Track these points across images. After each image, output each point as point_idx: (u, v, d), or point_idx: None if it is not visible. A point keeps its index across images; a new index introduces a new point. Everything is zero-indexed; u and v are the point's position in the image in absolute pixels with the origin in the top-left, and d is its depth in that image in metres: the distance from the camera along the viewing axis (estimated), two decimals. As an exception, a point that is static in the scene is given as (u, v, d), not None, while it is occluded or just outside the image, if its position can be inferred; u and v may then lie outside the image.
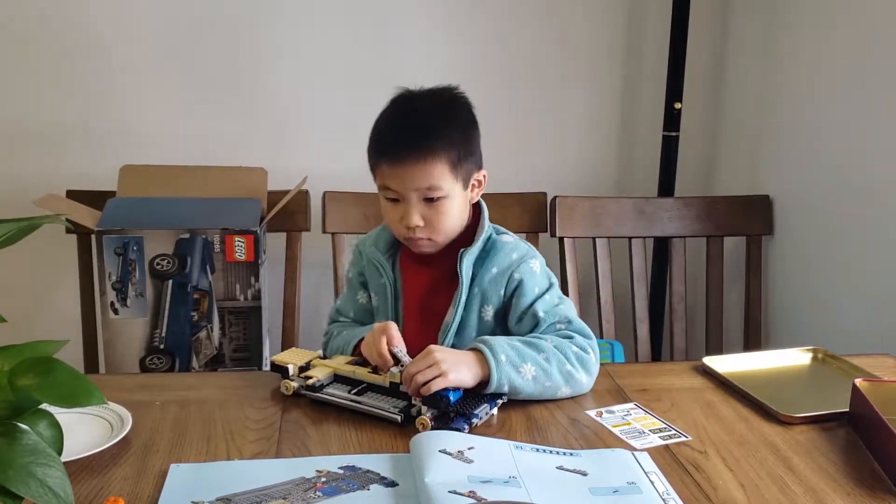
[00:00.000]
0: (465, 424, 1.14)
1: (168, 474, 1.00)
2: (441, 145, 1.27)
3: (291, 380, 1.24)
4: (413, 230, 1.30)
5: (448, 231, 1.33)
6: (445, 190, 1.28)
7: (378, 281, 1.41)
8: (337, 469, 1.01)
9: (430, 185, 1.27)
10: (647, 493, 0.98)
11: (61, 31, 1.96)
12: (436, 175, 1.27)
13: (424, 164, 1.26)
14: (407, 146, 1.27)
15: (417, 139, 1.27)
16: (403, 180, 1.28)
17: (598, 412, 1.21)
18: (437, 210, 1.29)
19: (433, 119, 1.30)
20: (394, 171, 1.28)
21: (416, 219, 1.29)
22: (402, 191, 1.29)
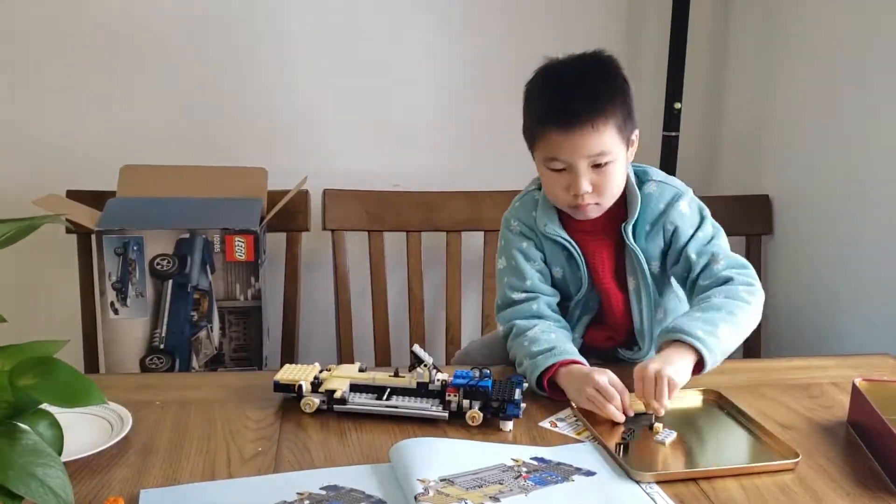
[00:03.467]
0: (517, 409, 1.15)
1: (139, 499, 0.95)
2: (611, 109, 1.25)
3: (313, 396, 1.19)
4: (582, 197, 1.28)
5: (615, 193, 1.31)
6: (614, 154, 1.27)
7: (562, 257, 1.38)
8: (319, 490, 0.97)
9: (601, 151, 1.25)
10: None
11: (61, 30, 1.96)
12: (606, 140, 1.25)
13: (596, 129, 1.24)
14: (580, 111, 1.24)
15: (590, 104, 1.24)
16: (575, 148, 1.25)
17: (550, 422, 1.19)
18: (605, 174, 1.27)
19: (600, 83, 1.28)
20: (565, 139, 1.25)
21: (585, 185, 1.26)
22: (572, 159, 1.26)
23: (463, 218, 1.99)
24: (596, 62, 1.31)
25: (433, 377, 1.18)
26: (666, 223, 1.34)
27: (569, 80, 1.29)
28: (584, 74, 1.29)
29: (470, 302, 2.09)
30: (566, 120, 1.25)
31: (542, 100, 1.30)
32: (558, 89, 1.29)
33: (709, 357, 1.20)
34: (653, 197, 1.36)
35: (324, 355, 2.02)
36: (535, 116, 1.31)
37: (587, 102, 1.25)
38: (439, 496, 0.93)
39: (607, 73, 1.30)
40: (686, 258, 1.33)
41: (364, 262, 2.00)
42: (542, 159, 1.30)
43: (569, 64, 1.31)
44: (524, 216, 1.41)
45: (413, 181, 2.08)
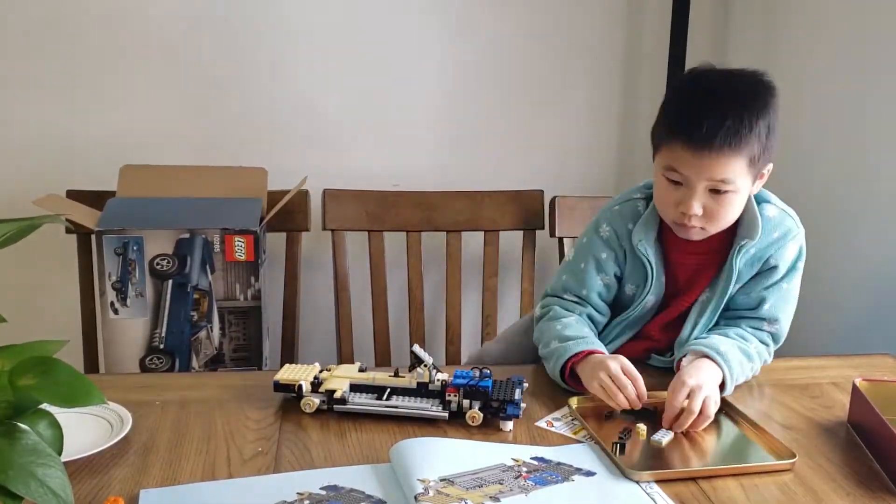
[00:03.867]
0: (517, 409, 1.15)
1: (139, 499, 0.96)
2: (748, 141, 1.19)
3: (313, 396, 1.19)
4: (690, 218, 1.23)
5: (726, 223, 1.26)
6: (737, 185, 1.21)
7: (641, 274, 1.34)
8: (319, 490, 0.97)
9: (723, 178, 1.20)
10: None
11: (61, 31, 1.96)
12: (732, 170, 1.19)
13: (725, 157, 1.18)
14: (713, 135, 1.17)
15: (728, 131, 1.18)
16: (698, 169, 1.20)
17: (547, 422, 1.19)
18: (722, 202, 1.22)
19: (747, 110, 1.20)
20: (688, 157, 1.20)
21: (696, 208, 1.21)
22: (692, 178, 1.21)
23: (463, 218, 1.99)
24: (751, 86, 1.24)
25: (433, 377, 1.18)
26: (771, 256, 1.31)
27: (716, 97, 1.21)
28: (734, 97, 1.21)
29: (470, 302, 2.09)
30: (698, 140, 1.19)
31: (682, 108, 1.24)
32: (701, 104, 1.21)
33: (726, 393, 1.23)
34: (770, 221, 1.31)
35: (324, 355, 2.03)
36: (668, 122, 1.25)
37: (726, 129, 1.18)
38: (439, 496, 0.93)
39: (758, 103, 1.22)
40: (758, 299, 1.33)
41: (364, 262, 2.00)
42: (662, 166, 1.24)
43: (723, 78, 1.25)
44: (619, 225, 1.35)
45: (413, 181, 2.08)
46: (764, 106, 1.22)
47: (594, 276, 1.36)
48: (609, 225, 1.36)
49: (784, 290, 1.33)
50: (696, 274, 1.35)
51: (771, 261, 1.31)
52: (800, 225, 1.35)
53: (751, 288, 1.33)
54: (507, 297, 2.12)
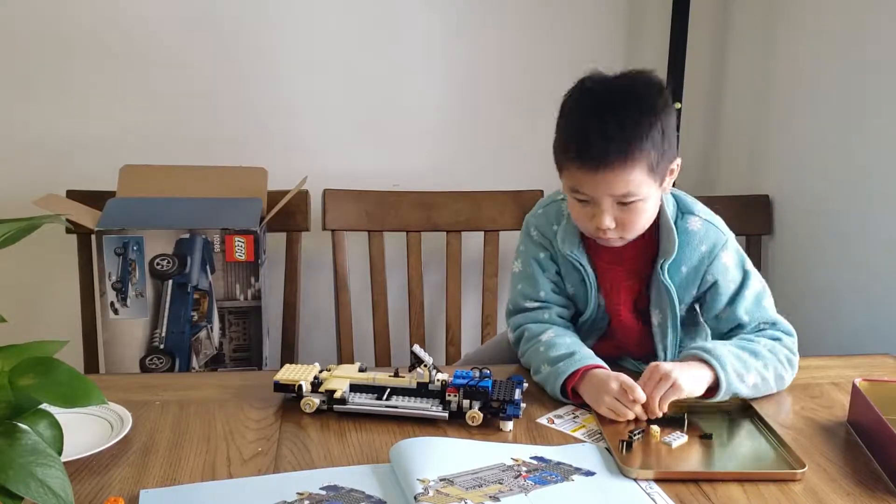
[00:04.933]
0: (517, 409, 1.15)
1: (139, 499, 0.96)
2: (641, 150, 1.17)
3: (313, 396, 1.19)
4: (604, 231, 1.23)
5: (640, 228, 1.26)
6: (642, 193, 1.20)
7: (576, 277, 1.35)
8: (319, 490, 0.97)
9: (625, 192, 1.19)
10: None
11: (61, 31, 1.96)
12: (633, 181, 1.18)
13: (622, 171, 1.17)
14: (605, 154, 1.16)
15: (616, 147, 1.16)
16: (597, 187, 1.19)
17: (548, 419, 1.20)
18: (632, 211, 1.22)
19: (633, 121, 1.17)
20: (586, 178, 1.19)
21: (608, 222, 1.21)
22: (596, 196, 1.20)
23: (463, 218, 1.99)
24: (634, 93, 1.21)
25: (433, 377, 1.18)
26: (706, 273, 1.30)
27: (599, 110, 1.19)
28: (619, 110, 1.18)
29: (470, 302, 2.09)
30: (589, 160, 1.18)
31: (570, 128, 1.22)
32: (585, 120, 1.20)
33: (723, 391, 1.20)
34: (695, 236, 1.30)
35: (324, 355, 2.03)
36: (560, 143, 1.24)
37: (614, 143, 1.16)
38: (439, 496, 0.93)
39: (644, 108, 1.19)
40: (734, 318, 1.31)
41: (364, 262, 2.00)
42: (567, 187, 1.24)
43: (604, 88, 1.22)
44: (545, 227, 1.37)
45: (413, 181, 2.08)
46: (651, 109, 1.19)
47: (542, 275, 1.37)
48: (535, 228, 1.38)
49: (750, 297, 1.31)
50: (626, 286, 1.34)
51: (708, 277, 1.30)
52: (726, 231, 1.33)
53: (713, 309, 1.32)
54: (506, 297, 2.10)
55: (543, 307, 1.37)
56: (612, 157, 1.16)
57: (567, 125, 1.24)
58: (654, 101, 1.21)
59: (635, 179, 1.18)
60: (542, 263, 1.38)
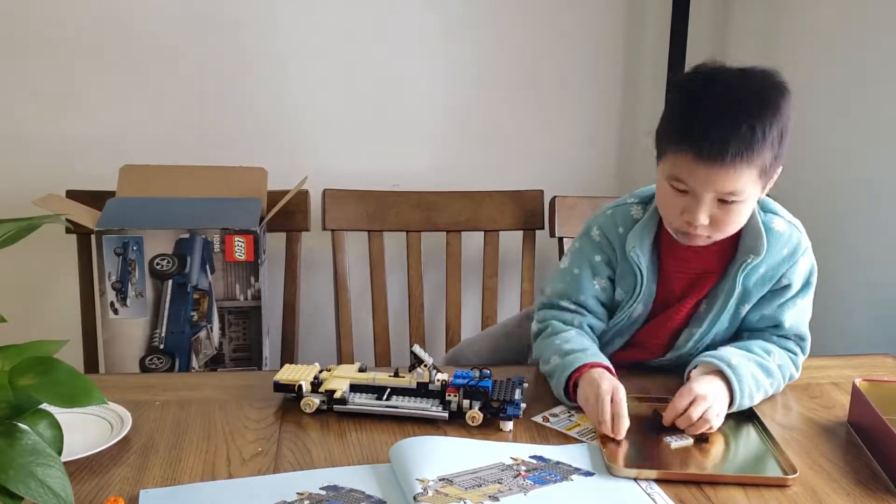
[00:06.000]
0: (517, 409, 1.15)
1: (139, 499, 0.96)
2: (760, 152, 1.12)
3: (313, 396, 1.19)
4: (695, 227, 1.17)
5: (732, 230, 1.20)
6: (746, 194, 1.15)
7: (631, 281, 1.29)
8: (319, 490, 0.97)
9: (733, 191, 1.14)
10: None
11: (61, 30, 1.96)
12: (743, 181, 1.13)
13: (735, 171, 1.12)
14: (724, 149, 1.10)
15: (739, 143, 1.10)
16: (706, 181, 1.13)
17: (543, 417, 1.19)
18: (729, 212, 1.16)
19: (759, 118, 1.12)
20: (697, 168, 1.13)
21: (703, 218, 1.15)
22: (699, 189, 1.14)
23: (463, 218, 1.99)
24: (762, 91, 1.15)
25: (433, 377, 1.18)
26: (783, 275, 1.26)
27: (726, 105, 1.13)
28: (745, 104, 1.13)
29: (470, 302, 2.09)
30: (707, 152, 1.11)
31: (690, 116, 1.15)
32: (710, 112, 1.13)
33: (734, 409, 1.19)
34: (780, 237, 1.26)
35: (324, 355, 2.03)
36: (675, 129, 1.17)
37: (737, 142, 1.11)
38: (438, 496, 0.93)
39: (770, 109, 1.14)
40: (777, 320, 1.29)
41: (364, 262, 2.00)
42: (667, 174, 1.17)
43: (732, 82, 1.16)
44: (610, 229, 1.31)
45: (413, 181, 2.08)
46: (776, 111, 1.14)
47: (590, 280, 1.32)
48: (600, 229, 1.32)
49: (800, 307, 1.30)
50: (691, 285, 1.29)
51: (783, 280, 1.27)
52: (807, 238, 1.30)
53: (764, 306, 1.29)
54: (506, 297, 2.12)
55: (578, 312, 1.32)
56: (731, 155, 1.11)
57: (686, 108, 1.17)
58: (779, 101, 1.16)
59: (746, 180, 1.13)
60: (594, 267, 1.32)
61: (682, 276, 1.29)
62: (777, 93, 1.16)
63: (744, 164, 1.12)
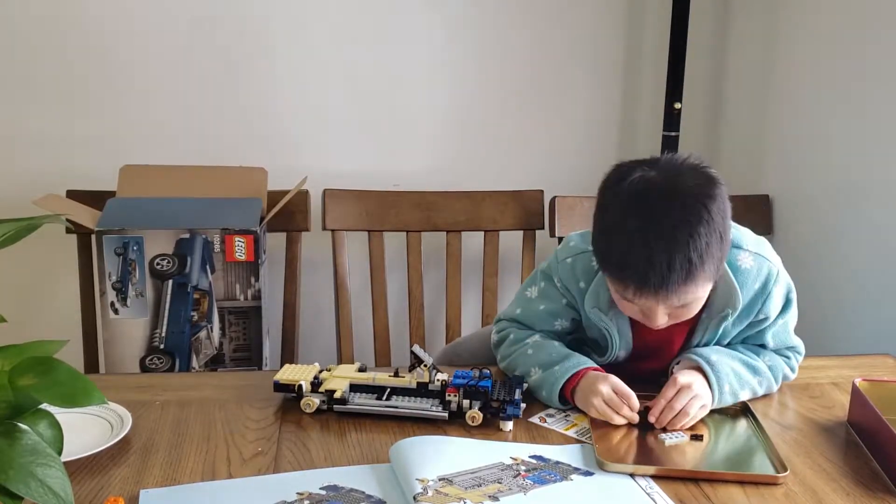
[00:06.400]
0: (517, 409, 1.15)
1: (139, 499, 0.96)
2: (703, 272, 1.10)
3: (313, 396, 1.19)
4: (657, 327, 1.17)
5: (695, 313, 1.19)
6: (701, 296, 1.15)
7: (599, 332, 1.28)
8: (318, 490, 0.98)
9: (685, 303, 1.14)
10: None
11: (61, 31, 1.96)
12: (694, 295, 1.13)
13: (684, 290, 1.10)
14: (664, 282, 1.08)
15: (679, 277, 1.08)
16: (655, 303, 1.13)
17: (540, 418, 1.20)
18: (689, 310, 1.16)
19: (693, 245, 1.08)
20: (643, 295, 1.11)
21: (661, 321, 1.15)
22: (652, 308, 1.14)
23: (463, 218, 1.99)
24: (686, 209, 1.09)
25: (433, 377, 1.19)
26: (759, 312, 1.24)
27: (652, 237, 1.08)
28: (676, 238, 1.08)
29: (470, 302, 2.09)
30: (646, 289, 1.10)
31: (620, 249, 1.11)
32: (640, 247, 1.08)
33: (714, 405, 1.19)
34: (748, 275, 1.22)
35: (324, 355, 2.03)
36: (608, 261, 1.15)
37: (675, 276, 1.08)
38: (438, 496, 0.93)
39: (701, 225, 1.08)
40: (760, 340, 1.29)
41: (364, 262, 2.00)
42: (616, 290, 1.16)
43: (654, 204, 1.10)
44: (570, 282, 1.27)
45: (413, 181, 2.08)
46: (707, 223, 1.09)
47: (547, 318, 1.31)
48: (561, 281, 1.28)
49: (781, 325, 1.29)
50: (668, 334, 1.25)
51: (760, 314, 1.25)
52: (775, 261, 1.26)
53: (746, 333, 1.29)
54: (507, 297, 2.11)
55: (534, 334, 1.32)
56: (673, 287, 1.09)
57: (616, 243, 1.13)
58: (710, 208, 1.10)
59: (696, 293, 1.13)
60: (559, 310, 1.30)
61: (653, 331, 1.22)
62: (703, 200, 1.10)
63: (690, 287, 1.11)
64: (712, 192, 1.11)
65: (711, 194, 1.11)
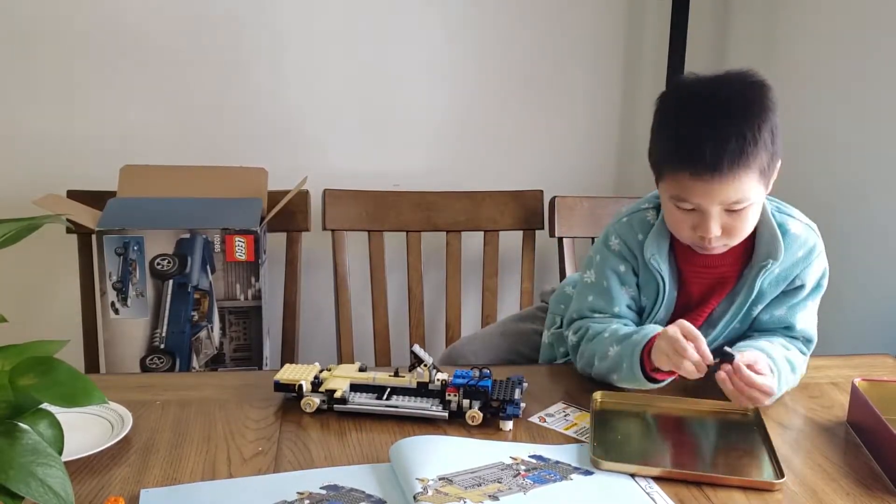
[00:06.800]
0: (517, 409, 1.15)
1: (140, 499, 0.96)
2: (755, 156, 1.13)
3: (313, 396, 1.19)
4: (710, 240, 1.18)
5: (745, 233, 1.21)
6: (752, 198, 1.16)
7: (654, 287, 1.29)
8: (319, 490, 0.97)
9: (738, 199, 1.15)
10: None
11: (61, 31, 1.96)
12: (746, 188, 1.14)
13: (736, 179, 1.12)
14: (719, 162, 1.11)
15: (733, 153, 1.11)
16: (709, 196, 1.14)
17: (539, 417, 1.20)
18: (740, 218, 1.17)
19: (747, 123, 1.13)
20: (697, 186, 1.14)
21: (716, 230, 1.16)
22: (705, 205, 1.15)
23: (463, 218, 1.99)
24: (744, 94, 1.16)
25: (433, 377, 1.19)
26: (797, 276, 1.26)
27: (712, 118, 1.14)
28: (731, 113, 1.14)
29: (470, 302, 2.09)
30: (703, 169, 1.12)
31: (676, 134, 1.16)
32: (696, 127, 1.14)
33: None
34: (796, 239, 1.26)
35: (324, 355, 2.03)
36: (665, 151, 1.18)
37: (730, 152, 1.11)
38: (438, 495, 0.93)
39: (755, 110, 1.15)
40: (788, 321, 1.29)
41: (364, 262, 2.00)
42: (670, 195, 1.18)
43: (713, 92, 1.16)
44: (628, 237, 1.29)
45: (413, 181, 2.08)
46: (762, 111, 1.15)
47: (619, 289, 1.30)
48: (618, 238, 1.30)
49: (809, 308, 1.31)
50: (710, 290, 1.29)
51: (797, 280, 1.27)
52: (822, 241, 1.30)
53: (776, 307, 1.29)
54: (506, 297, 2.12)
55: (613, 319, 1.31)
56: (728, 166, 1.12)
57: (674, 131, 1.17)
58: (763, 100, 1.16)
59: (748, 185, 1.14)
60: (622, 277, 1.30)
61: (700, 281, 1.29)
62: (758, 91, 1.17)
63: (742, 172, 1.13)
64: (765, 88, 1.18)
65: (764, 88, 1.18)
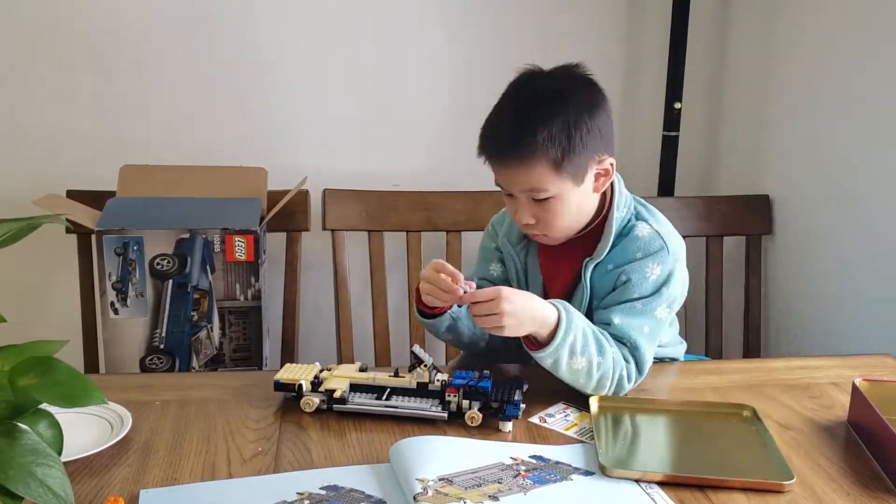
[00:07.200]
0: (517, 410, 1.15)
1: (139, 499, 0.96)
2: (539, 146, 1.17)
3: (313, 396, 1.19)
4: (524, 227, 1.26)
5: (563, 229, 1.26)
6: (552, 191, 1.20)
7: (512, 267, 1.39)
8: (318, 490, 0.98)
9: (532, 187, 1.21)
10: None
11: (61, 30, 1.96)
12: (537, 177, 1.19)
13: (524, 166, 1.19)
14: (504, 147, 1.21)
15: (514, 140, 1.19)
16: (508, 180, 1.23)
17: (540, 418, 1.19)
18: (547, 209, 1.23)
19: (535, 115, 1.19)
20: (501, 171, 1.24)
21: (525, 217, 1.24)
22: (509, 189, 1.24)
23: (463, 218, 1.99)
24: (553, 90, 1.22)
25: (433, 377, 1.19)
26: (623, 273, 1.24)
27: (515, 107, 1.23)
28: (532, 105, 1.21)
29: (470, 302, 2.08)
30: (494, 154, 1.23)
31: (488, 122, 1.26)
32: (501, 115, 1.24)
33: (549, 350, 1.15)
34: (637, 241, 1.26)
35: (324, 355, 2.02)
36: (479, 137, 1.27)
37: (516, 138, 1.19)
38: (438, 496, 0.93)
39: (550, 100, 1.20)
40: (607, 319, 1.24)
41: (364, 262, 2.00)
42: (494, 181, 1.28)
43: (529, 85, 1.25)
44: (498, 221, 1.43)
45: (413, 181, 2.08)
46: (561, 106, 1.19)
47: (482, 262, 1.43)
48: (492, 223, 1.44)
49: (637, 311, 1.24)
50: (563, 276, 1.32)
51: (622, 276, 1.24)
52: (672, 251, 1.26)
53: (605, 304, 1.27)
54: (507, 297, 2.11)
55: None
56: (509, 151, 1.20)
57: (488, 118, 1.27)
58: (567, 95, 1.21)
59: (539, 175, 1.20)
60: (487, 254, 1.43)
61: (560, 275, 1.33)
62: (566, 86, 1.22)
63: (524, 159, 1.19)
64: (583, 88, 1.23)
65: (581, 88, 1.23)
